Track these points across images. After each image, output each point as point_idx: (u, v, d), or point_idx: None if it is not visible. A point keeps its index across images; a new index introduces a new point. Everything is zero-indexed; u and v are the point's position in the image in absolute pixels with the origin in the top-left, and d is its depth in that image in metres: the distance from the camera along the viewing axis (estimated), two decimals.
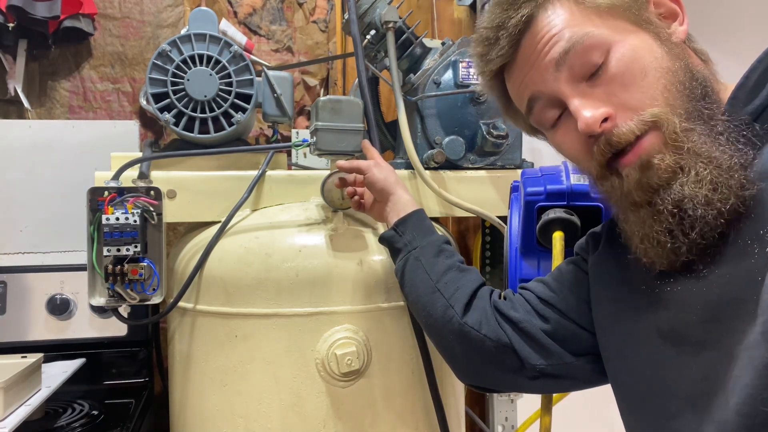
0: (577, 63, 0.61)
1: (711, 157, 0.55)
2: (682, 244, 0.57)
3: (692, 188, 0.55)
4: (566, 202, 0.89)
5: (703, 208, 0.54)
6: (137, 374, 1.36)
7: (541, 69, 0.63)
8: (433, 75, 1.19)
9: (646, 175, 0.58)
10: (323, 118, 0.99)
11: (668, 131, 0.56)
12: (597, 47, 0.60)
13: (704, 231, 0.55)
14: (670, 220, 0.57)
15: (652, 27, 0.61)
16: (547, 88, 0.64)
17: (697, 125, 0.57)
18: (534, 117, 0.68)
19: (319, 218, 1.05)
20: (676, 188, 0.56)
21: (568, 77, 0.61)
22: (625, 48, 0.60)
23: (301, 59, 1.63)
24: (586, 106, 0.60)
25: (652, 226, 0.58)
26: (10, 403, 0.96)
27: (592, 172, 0.64)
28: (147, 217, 0.99)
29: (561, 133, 0.66)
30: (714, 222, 0.54)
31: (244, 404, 1.00)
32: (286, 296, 0.99)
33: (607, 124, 0.59)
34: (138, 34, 1.55)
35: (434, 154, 1.17)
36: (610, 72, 0.59)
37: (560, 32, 0.61)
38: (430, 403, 1.04)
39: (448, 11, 1.72)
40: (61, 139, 1.45)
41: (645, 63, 0.59)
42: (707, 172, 0.55)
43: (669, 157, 0.56)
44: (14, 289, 1.30)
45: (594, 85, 0.60)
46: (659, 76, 0.58)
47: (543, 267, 0.92)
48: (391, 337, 1.02)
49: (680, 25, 0.64)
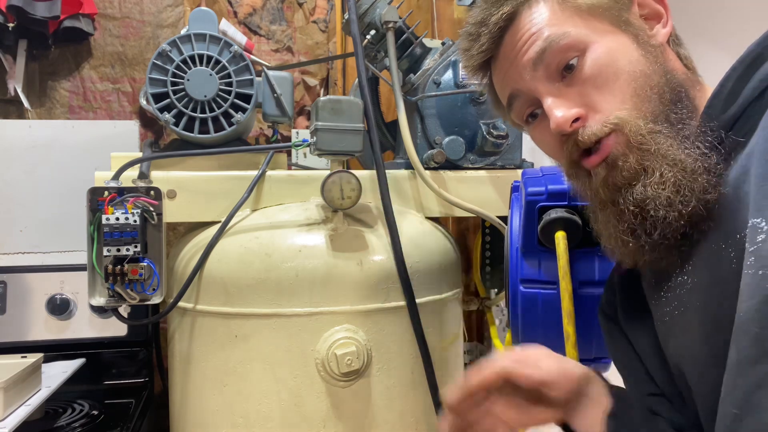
0: (553, 62, 0.61)
1: (676, 160, 0.56)
2: (644, 244, 0.58)
3: (655, 189, 0.56)
4: (567, 202, 0.89)
5: (665, 209, 0.55)
6: (137, 374, 1.36)
7: (520, 67, 0.64)
8: (433, 75, 1.19)
9: (611, 174, 0.59)
10: (323, 118, 0.99)
11: (632, 133, 0.57)
12: (573, 47, 0.61)
13: (665, 232, 0.56)
14: (633, 220, 0.58)
15: (632, 29, 0.62)
16: (524, 86, 0.65)
17: (664, 127, 0.58)
18: (514, 113, 0.69)
19: (319, 218, 1.05)
20: (639, 189, 0.57)
21: (544, 76, 0.62)
22: (600, 50, 0.60)
23: (301, 59, 1.63)
24: (558, 105, 0.61)
25: (616, 226, 0.60)
26: (10, 403, 0.96)
27: (564, 170, 0.66)
28: (147, 217, 0.99)
29: (538, 130, 0.67)
30: (675, 223, 0.56)
31: (244, 404, 1.00)
32: (286, 296, 0.99)
33: (577, 124, 0.61)
34: (138, 34, 1.55)
35: (434, 154, 1.17)
36: (585, 73, 0.60)
37: (539, 30, 0.62)
38: (430, 403, 1.04)
39: (448, 11, 1.72)
40: (61, 139, 1.45)
41: (618, 66, 0.59)
42: (671, 174, 0.56)
43: (633, 158, 0.57)
44: (14, 289, 1.30)
45: (569, 84, 0.61)
46: (631, 79, 0.59)
47: (544, 267, 0.92)
48: (391, 337, 1.02)
49: (663, 27, 0.64)
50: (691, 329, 0.57)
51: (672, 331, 0.61)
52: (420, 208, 1.18)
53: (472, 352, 1.68)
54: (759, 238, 0.48)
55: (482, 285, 1.51)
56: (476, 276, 1.52)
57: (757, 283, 0.47)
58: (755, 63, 0.56)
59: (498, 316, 1.56)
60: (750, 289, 0.48)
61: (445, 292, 1.11)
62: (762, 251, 0.47)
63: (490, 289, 1.51)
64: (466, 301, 1.51)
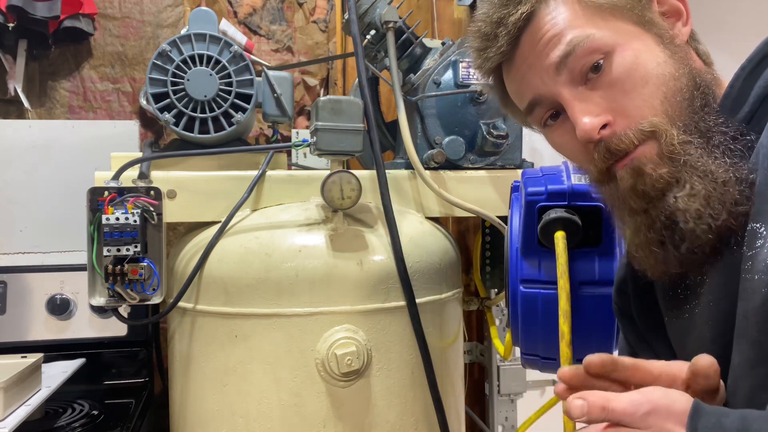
0: (577, 66, 0.59)
1: (707, 171, 0.55)
2: (673, 257, 0.57)
3: (686, 201, 0.55)
4: (567, 202, 0.89)
5: (694, 221, 0.54)
6: (137, 374, 1.36)
7: (542, 71, 0.62)
8: (433, 75, 1.19)
9: (639, 182, 0.57)
10: (323, 118, 0.99)
11: (666, 143, 0.56)
12: (598, 50, 0.59)
13: (694, 245, 0.55)
14: (663, 232, 0.57)
15: (656, 29, 0.60)
16: (547, 91, 0.62)
17: (694, 138, 0.56)
18: (534, 117, 0.67)
19: (319, 218, 1.05)
20: (670, 200, 0.56)
21: (567, 80, 0.60)
22: (627, 53, 0.58)
23: (301, 59, 1.63)
24: (585, 112, 0.59)
25: (647, 236, 0.58)
26: (10, 403, 0.96)
27: (592, 176, 0.63)
28: (147, 217, 0.99)
29: (559, 134, 0.65)
30: (704, 236, 0.54)
31: (244, 404, 1.00)
32: (286, 296, 0.99)
33: (605, 131, 0.59)
34: (138, 34, 1.55)
35: (434, 154, 1.17)
36: (611, 77, 0.58)
37: (561, 33, 0.60)
38: (430, 403, 1.04)
39: (448, 11, 1.72)
40: (61, 139, 1.45)
41: (647, 70, 0.58)
42: (702, 186, 0.54)
43: (664, 168, 0.56)
44: (14, 289, 1.30)
45: (593, 87, 0.59)
46: (660, 83, 0.57)
47: (544, 267, 0.92)
48: (391, 337, 1.02)
49: (684, 25, 0.62)
50: (704, 328, 0.57)
51: (688, 330, 0.61)
52: (420, 208, 1.18)
53: (472, 352, 1.68)
54: (758, 243, 0.48)
55: (482, 285, 1.51)
56: (476, 276, 1.52)
57: (754, 288, 0.47)
58: (764, 61, 0.56)
59: (498, 316, 1.56)
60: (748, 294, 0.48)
61: (445, 292, 1.11)
62: (759, 256, 0.47)
63: (490, 289, 1.51)
64: (466, 301, 1.51)
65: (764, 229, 0.48)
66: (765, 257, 0.47)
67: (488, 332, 1.55)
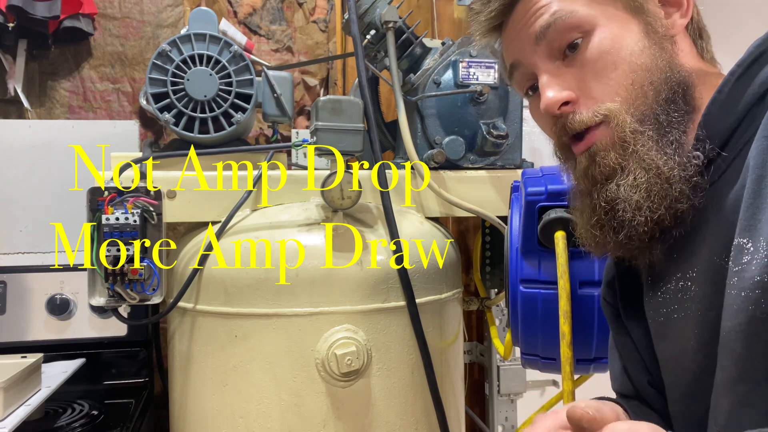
0: (555, 39, 0.60)
1: (652, 165, 0.55)
2: (609, 241, 0.59)
3: (627, 191, 0.56)
4: (567, 202, 0.89)
5: (632, 212, 0.56)
6: (137, 374, 1.36)
7: (524, 39, 0.63)
8: (433, 75, 1.19)
9: (592, 167, 0.59)
10: (323, 118, 0.99)
11: (618, 128, 0.57)
12: (578, 27, 0.59)
13: (631, 233, 0.57)
14: (603, 216, 0.58)
15: (645, 15, 0.60)
16: (525, 59, 0.64)
17: (648, 128, 0.57)
18: (514, 82, 0.69)
19: (319, 218, 1.05)
20: (612, 187, 0.57)
21: (545, 52, 0.61)
22: (605, 34, 0.59)
23: (301, 59, 1.63)
24: (552, 85, 0.61)
25: (590, 218, 0.60)
26: (10, 403, 0.96)
27: (555, 149, 0.66)
28: (147, 217, 0.99)
29: (535, 105, 0.67)
30: (641, 228, 0.56)
31: (244, 404, 1.00)
32: (286, 296, 0.99)
33: (566, 107, 0.60)
34: (138, 34, 1.55)
35: (434, 154, 1.17)
36: (585, 57, 0.59)
37: (549, 3, 0.60)
38: (430, 403, 1.04)
39: (448, 11, 1.72)
40: (61, 139, 1.45)
41: (620, 55, 0.58)
42: (645, 179, 0.55)
43: (612, 155, 0.57)
44: (14, 289, 1.30)
45: (569, 65, 0.60)
46: (630, 70, 0.58)
47: (544, 267, 0.92)
48: (391, 337, 1.02)
49: (681, 16, 0.62)
50: (687, 336, 0.57)
51: (665, 333, 0.61)
52: (420, 208, 1.18)
53: (472, 352, 1.68)
54: (744, 259, 0.47)
55: (482, 285, 1.51)
56: (476, 276, 1.52)
57: (739, 305, 0.47)
58: (755, 66, 0.54)
59: (498, 316, 1.56)
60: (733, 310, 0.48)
61: (445, 292, 1.11)
62: (746, 272, 0.47)
63: (490, 289, 1.51)
64: (466, 301, 1.51)
65: (751, 244, 0.47)
66: (753, 274, 0.46)
67: (488, 332, 1.55)
